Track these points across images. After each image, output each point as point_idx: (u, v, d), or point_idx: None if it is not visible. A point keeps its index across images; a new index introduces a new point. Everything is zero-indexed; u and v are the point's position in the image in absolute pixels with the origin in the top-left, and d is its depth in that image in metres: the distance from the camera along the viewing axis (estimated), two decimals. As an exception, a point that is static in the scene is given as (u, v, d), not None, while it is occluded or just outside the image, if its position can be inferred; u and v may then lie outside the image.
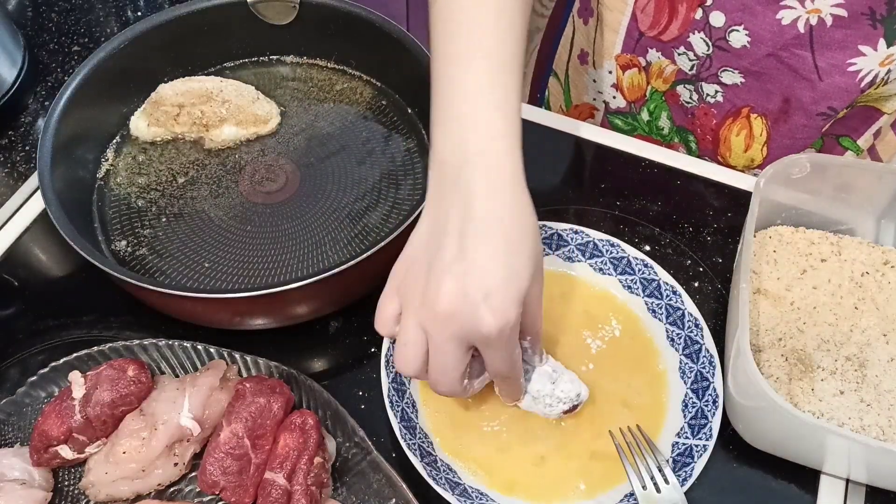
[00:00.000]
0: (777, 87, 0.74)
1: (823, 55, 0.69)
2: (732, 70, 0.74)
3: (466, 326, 0.47)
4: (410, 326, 0.49)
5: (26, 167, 0.75)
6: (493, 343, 0.48)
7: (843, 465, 0.57)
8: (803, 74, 0.71)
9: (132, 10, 0.90)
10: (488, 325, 0.46)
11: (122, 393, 0.55)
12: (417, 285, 0.48)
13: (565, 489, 0.56)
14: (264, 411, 0.55)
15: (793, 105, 0.74)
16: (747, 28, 0.70)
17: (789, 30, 0.68)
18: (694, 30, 0.73)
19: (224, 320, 0.61)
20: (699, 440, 0.56)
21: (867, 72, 0.69)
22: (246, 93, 0.74)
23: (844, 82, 0.71)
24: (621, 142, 0.78)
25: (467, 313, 0.46)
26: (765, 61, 0.72)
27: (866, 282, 0.63)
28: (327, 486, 0.55)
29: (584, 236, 0.65)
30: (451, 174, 0.49)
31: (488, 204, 0.48)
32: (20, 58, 0.81)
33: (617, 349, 0.63)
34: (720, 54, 0.73)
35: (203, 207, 0.69)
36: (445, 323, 0.47)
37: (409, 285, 0.49)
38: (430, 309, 0.47)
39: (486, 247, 0.47)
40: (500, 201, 0.49)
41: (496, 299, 0.47)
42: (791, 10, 0.67)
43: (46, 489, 0.55)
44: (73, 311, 0.66)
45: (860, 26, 0.66)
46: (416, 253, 0.50)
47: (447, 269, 0.47)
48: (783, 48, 0.70)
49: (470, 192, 0.48)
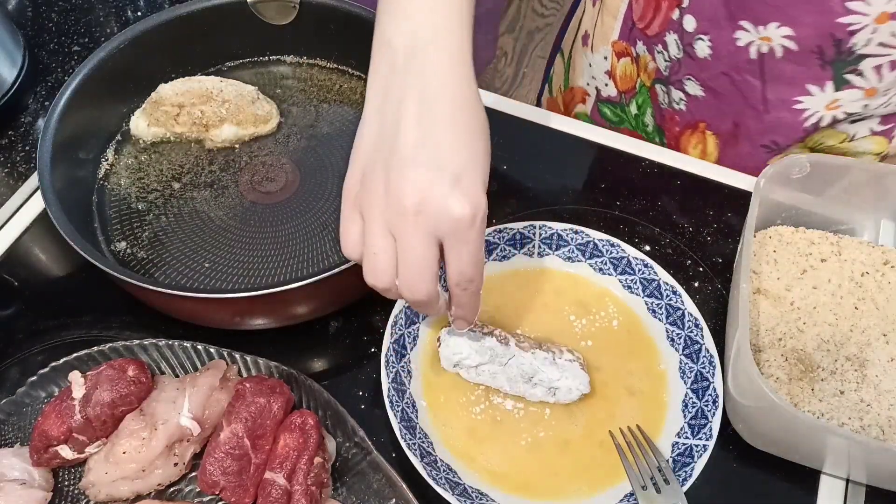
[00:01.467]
0: (729, 109, 0.74)
1: (772, 87, 0.70)
2: (695, 80, 0.74)
3: (438, 216, 0.44)
4: (376, 233, 0.46)
5: (26, 167, 0.75)
6: (465, 233, 0.45)
7: (843, 465, 0.57)
8: (751, 103, 0.72)
9: (132, 10, 0.90)
10: (461, 210, 0.44)
11: (122, 393, 0.55)
12: (377, 188, 0.46)
13: (566, 488, 0.56)
14: (264, 411, 0.55)
15: (741, 131, 0.75)
16: (711, 40, 0.70)
17: (743, 52, 0.69)
18: (670, 30, 0.74)
19: (224, 320, 0.61)
20: (699, 440, 0.56)
21: (812, 112, 0.69)
22: (246, 93, 0.74)
23: (790, 119, 0.71)
24: (621, 142, 0.78)
25: (438, 201, 0.44)
26: (720, 79, 0.72)
27: (866, 282, 0.63)
28: (327, 486, 0.55)
29: (584, 236, 0.65)
30: (401, 62, 0.47)
31: (445, 90, 0.46)
32: (20, 58, 0.81)
33: (617, 346, 0.63)
34: (687, 61, 0.74)
35: (203, 207, 0.69)
36: (416, 217, 0.44)
37: (367, 191, 0.46)
38: (397, 206, 0.44)
39: (448, 130, 0.45)
40: (456, 87, 0.47)
41: (466, 182, 0.45)
42: (746, 32, 0.67)
43: (46, 489, 0.55)
44: (73, 311, 0.66)
45: (810, 64, 0.66)
46: (368, 154, 0.47)
47: (410, 157, 0.45)
48: (736, 70, 0.70)
49: (425, 77, 0.46)
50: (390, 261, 0.46)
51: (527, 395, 0.59)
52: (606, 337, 0.63)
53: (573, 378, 0.58)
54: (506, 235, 0.65)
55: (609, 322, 0.64)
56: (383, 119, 0.47)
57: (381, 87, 0.48)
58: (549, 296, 0.65)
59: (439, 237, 0.45)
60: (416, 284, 0.47)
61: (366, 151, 0.47)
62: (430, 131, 0.45)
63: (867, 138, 0.72)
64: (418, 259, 0.45)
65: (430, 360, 0.61)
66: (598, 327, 0.64)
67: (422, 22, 0.48)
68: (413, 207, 0.44)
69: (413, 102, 0.46)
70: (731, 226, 0.72)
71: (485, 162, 0.47)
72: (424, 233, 0.45)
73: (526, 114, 0.80)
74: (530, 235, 0.66)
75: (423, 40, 0.47)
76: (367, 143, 0.47)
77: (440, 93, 0.46)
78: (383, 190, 0.45)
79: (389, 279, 0.47)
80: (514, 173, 0.75)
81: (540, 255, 0.66)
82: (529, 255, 0.66)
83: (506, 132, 0.79)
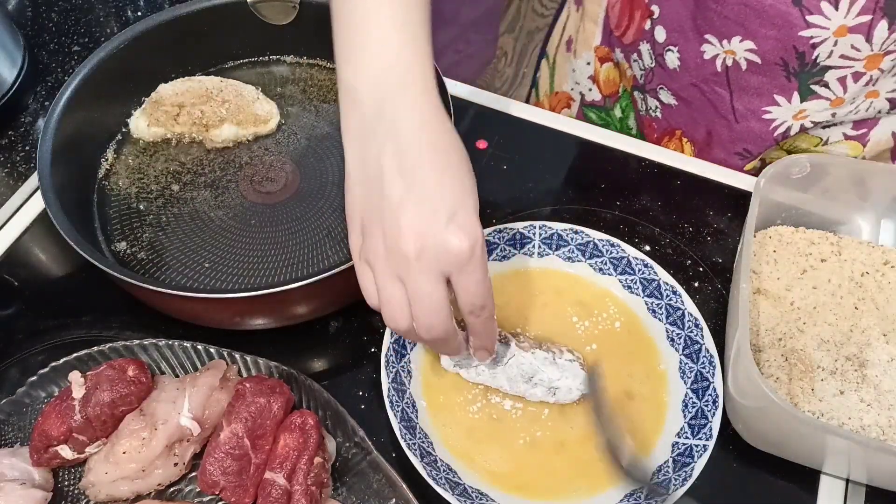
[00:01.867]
0: (702, 117, 0.75)
1: (741, 98, 0.71)
2: (667, 90, 0.76)
3: (439, 255, 0.45)
4: (386, 282, 0.47)
5: (26, 167, 0.75)
6: (468, 264, 0.46)
7: (843, 465, 0.57)
8: (721, 113, 0.73)
9: (132, 10, 0.90)
10: (460, 245, 0.45)
11: (122, 393, 0.55)
12: (376, 239, 0.47)
13: (566, 488, 0.56)
14: (264, 411, 0.55)
15: (714, 139, 0.76)
16: (680, 52, 0.71)
17: (710, 65, 0.70)
18: (643, 39, 0.75)
19: (224, 320, 0.61)
20: (699, 440, 0.56)
21: (781, 122, 0.71)
22: (246, 93, 0.74)
23: (759, 128, 0.72)
24: (622, 142, 0.78)
25: (436, 241, 0.45)
26: (690, 90, 0.73)
27: (866, 282, 0.63)
28: (327, 486, 0.55)
29: (584, 236, 0.65)
30: (371, 112, 0.48)
31: (420, 135, 0.47)
32: (20, 58, 0.81)
33: (617, 346, 0.63)
34: (659, 70, 0.75)
35: (203, 207, 0.69)
36: (418, 261, 0.45)
37: (369, 244, 0.47)
38: (398, 253, 0.46)
39: (432, 171, 0.46)
40: (430, 131, 0.47)
41: (460, 217, 0.45)
42: (711, 45, 0.68)
43: (46, 489, 0.55)
44: (73, 311, 0.66)
45: (775, 76, 0.67)
46: (361, 208, 0.48)
47: (399, 206, 0.45)
48: (704, 81, 0.72)
49: (397, 127, 0.47)
50: (404, 306, 0.47)
51: (527, 396, 0.59)
52: (607, 338, 0.63)
53: (573, 378, 0.58)
54: (506, 235, 0.65)
55: (611, 323, 0.64)
56: (366, 173, 0.47)
57: (356, 140, 0.49)
58: (549, 296, 0.65)
59: (445, 273, 0.46)
60: (431, 323, 0.48)
61: (359, 206, 0.48)
62: (413, 178, 0.46)
63: (841, 143, 0.73)
64: (429, 299, 0.47)
65: (430, 360, 0.61)
66: (600, 329, 0.64)
67: (384, 66, 0.48)
68: (414, 252, 0.45)
69: (391, 154, 0.46)
70: (731, 226, 0.72)
71: (473, 191, 0.48)
72: (429, 273, 0.46)
73: (526, 114, 0.80)
74: (530, 235, 0.66)
75: (389, 86, 0.48)
76: (357, 198, 0.48)
77: (416, 138, 0.47)
78: (382, 240, 0.46)
79: (407, 323, 0.48)
80: (514, 173, 0.75)
81: (540, 255, 0.66)
82: (529, 255, 0.66)
83: (506, 132, 0.79)
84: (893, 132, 0.72)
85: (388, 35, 0.49)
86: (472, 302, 0.49)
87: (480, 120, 0.80)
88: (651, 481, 0.55)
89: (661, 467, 0.56)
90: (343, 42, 0.50)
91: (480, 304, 0.49)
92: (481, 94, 0.82)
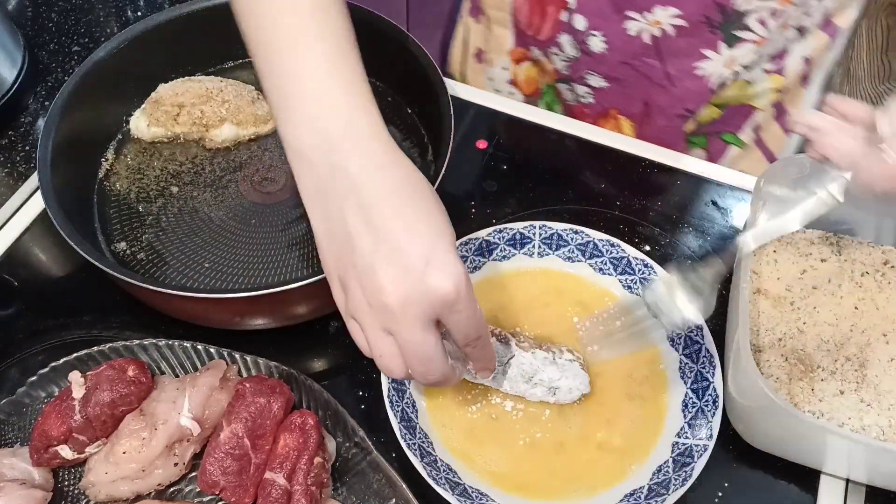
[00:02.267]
0: (636, 92, 0.77)
1: (672, 63, 0.73)
2: (597, 74, 0.77)
3: (423, 302, 0.44)
4: (375, 336, 0.46)
5: (26, 167, 0.75)
6: (455, 304, 0.45)
7: (843, 465, 0.57)
8: (656, 81, 0.75)
9: (132, 10, 0.90)
10: (444, 287, 0.44)
11: (122, 393, 0.55)
12: (358, 296, 0.45)
13: (566, 488, 0.56)
14: (264, 411, 0.55)
15: (653, 108, 0.78)
16: (605, 35, 0.73)
17: (636, 40, 0.72)
18: (562, 31, 0.76)
19: (224, 320, 0.61)
20: (699, 440, 0.56)
21: (714, 74, 0.73)
22: (246, 93, 0.74)
23: (695, 86, 0.74)
24: (622, 142, 0.78)
25: (418, 289, 0.44)
26: (621, 68, 0.75)
27: (866, 282, 0.63)
28: (327, 486, 0.55)
29: (584, 236, 0.65)
30: (324, 172, 0.46)
31: (377, 183, 0.45)
32: (20, 58, 0.81)
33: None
34: (585, 58, 0.76)
35: (203, 207, 0.69)
36: (403, 312, 0.44)
37: (352, 301, 0.46)
38: (382, 308, 0.44)
39: (398, 222, 0.45)
40: (387, 176, 0.46)
41: (437, 259, 0.44)
42: (635, 21, 0.70)
43: (46, 489, 0.55)
44: (73, 311, 0.66)
45: (701, 33, 0.70)
46: (336, 267, 0.47)
47: (373, 261, 0.44)
48: (634, 57, 0.74)
49: (352, 180, 0.45)
50: (397, 358, 0.46)
51: (527, 396, 0.59)
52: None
53: (573, 378, 0.58)
54: (506, 235, 0.65)
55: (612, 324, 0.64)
56: (332, 231, 0.46)
57: (315, 200, 0.47)
58: (549, 296, 0.65)
59: (433, 318, 0.45)
60: (427, 371, 0.47)
61: (333, 264, 0.47)
62: (381, 230, 0.44)
63: (765, 80, 0.75)
64: (420, 349, 0.45)
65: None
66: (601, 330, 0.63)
67: (325, 121, 0.46)
68: (397, 305, 0.44)
69: (354, 210, 0.45)
70: (731, 226, 0.72)
71: (446, 228, 0.46)
72: (417, 322, 0.44)
73: (526, 114, 0.80)
74: (530, 235, 0.66)
75: (335, 139, 0.46)
76: (330, 258, 0.47)
77: (375, 189, 0.45)
78: (364, 297, 0.45)
79: (403, 372, 0.47)
80: (514, 173, 0.75)
81: (540, 255, 0.66)
82: (529, 255, 0.66)
83: (506, 132, 0.79)
84: (804, 57, 0.75)
85: (323, 87, 0.47)
86: (466, 335, 0.48)
87: (480, 120, 0.80)
88: (651, 481, 0.55)
89: (661, 467, 0.56)
90: (277, 103, 0.48)
91: (475, 335, 0.48)
92: (481, 94, 0.82)
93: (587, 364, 0.60)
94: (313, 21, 0.48)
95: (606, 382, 0.61)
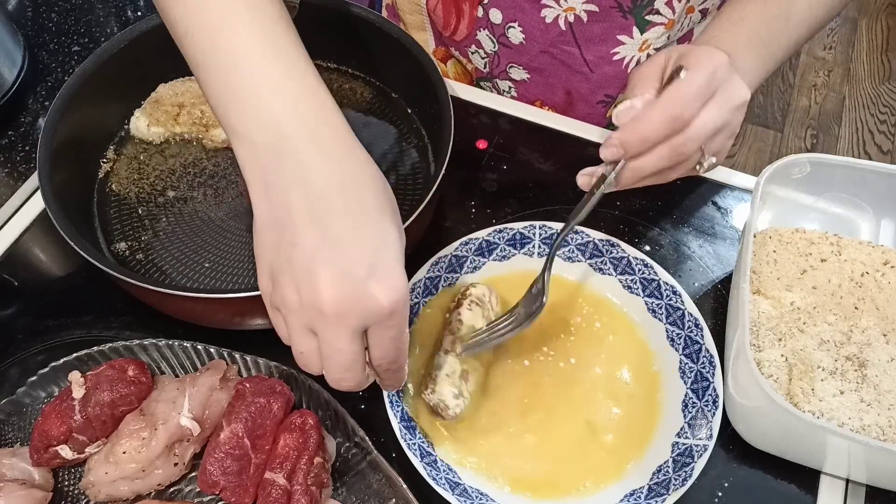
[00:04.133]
0: (557, 81, 0.80)
1: (589, 49, 0.76)
2: (518, 66, 0.79)
3: (359, 312, 0.42)
4: (298, 333, 0.44)
5: (26, 167, 0.75)
6: (389, 321, 0.43)
7: (843, 465, 0.57)
8: (576, 69, 0.78)
9: (132, 10, 0.90)
10: (383, 302, 0.41)
11: (122, 393, 0.55)
12: (289, 291, 0.42)
13: (566, 487, 0.56)
14: (264, 411, 0.55)
15: (574, 97, 0.80)
16: (521, 25, 0.75)
17: (553, 27, 0.74)
18: (480, 27, 0.78)
19: (224, 320, 0.61)
20: (699, 440, 0.56)
21: (630, 58, 0.76)
22: (246, 93, 0.74)
23: (613, 70, 0.77)
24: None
25: (357, 298, 0.41)
26: (541, 57, 0.77)
27: (866, 282, 0.63)
28: (327, 486, 0.55)
29: (584, 236, 0.65)
30: (270, 156, 0.43)
31: (328, 174, 0.42)
32: (20, 58, 0.81)
33: (617, 346, 0.63)
34: (504, 51, 0.78)
35: (203, 207, 0.69)
36: (337, 318, 0.42)
37: (281, 293, 0.43)
38: (312, 308, 0.42)
39: (346, 219, 0.42)
40: (340, 167, 0.43)
41: (381, 268, 0.42)
42: (550, 8, 0.72)
43: (46, 489, 0.55)
44: (73, 311, 0.66)
45: (613, 19, 0.73)
46: (272, 256, 0.44)
47: (314, 260, 0.41)
48: (553, 45, 0.76)
49: (303, 167, 0.42)
50: (316, 358, 0.44)
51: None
52: (607, 338, 0.63)
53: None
54: (506, 235, 0.65)
55: (610, 324, 0.64)
56: (274, 218, 0.43)
57: (259, 183, 0.44)
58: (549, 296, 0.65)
59: (362, 328, 0.43)
60: (344, 378, 0.45)
61: (268, 252, 0.44)
62: (327, 228, 0.42)
63: None
64: (342, 357, 0.43)
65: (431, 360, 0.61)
66: (600, 329, 0.64)
67: (271, 104, 0.43)
68: (332, 309, 0.41)
69: (301, 199, 0.42)
70: (731, 226, 0.72)
71: (395, 238, 0.44)
72: (345, 330, 0.42)
73: (526, 114, 0.80)
74: (530, 235, 0.66)
75: (284, 125, 0.43)
76: (266, 243, 0.44)
77: (326, 184, 0.42)
78: (296, 293, 0.42)
79: (319, 371, 0.45)
80: (514, 173, 0.75)
81: (540, 255, 0.66)
82: (529, 255, 0.66)
83: (506, 132, 0.79)
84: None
85: (265, 68, 0.44)
86: (385, 356, 0.45)
87: (480, 120, 0.80)
88: (651, 481, 0.55)
89: (661, 467, 0.56)
90: (216, 89, 0.45)
91: (393, 358, 0.46)
92: (481, 94, 0.82)
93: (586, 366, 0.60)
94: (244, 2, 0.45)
95: (604, 381, 0.61)
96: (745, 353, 0.53)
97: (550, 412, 0.59)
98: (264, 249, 0.44)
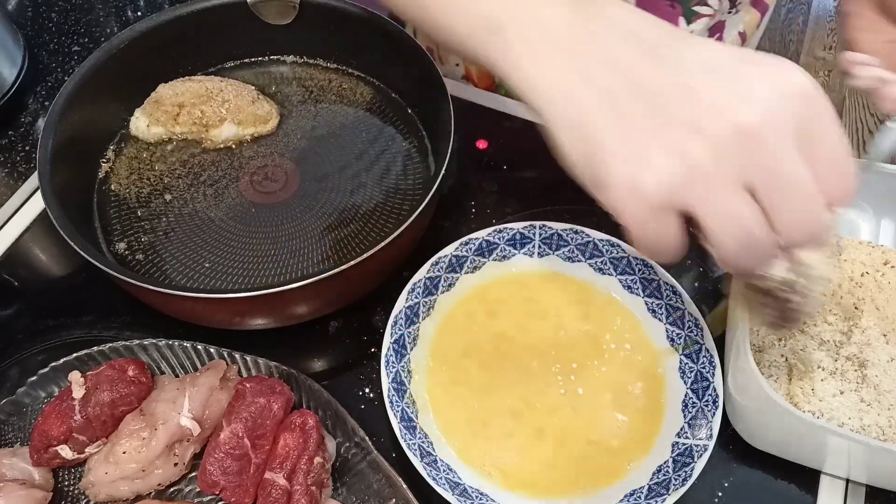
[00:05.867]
0: None
1: None
2: None
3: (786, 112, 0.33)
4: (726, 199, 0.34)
5: (26, 167, 0.75)
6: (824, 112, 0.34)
7: (843, 465, 0.57)
8: None
9: (132, 10, 0.90)
10: (801, 79, 0.33)
11: (122, 393, 0.55)
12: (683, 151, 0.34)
13: (567, 487, 0.56)
14: (264, 411, 0.55)
15: None
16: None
17: None
18: None
19: (224, 320, 0.61)
20: (699, 440, 0.56)
21: None
22: (246, 93, 0.74)
23: None
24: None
25: (773, 95, 0.33)
26: None
27: (866, 282, 0.63)
28: (327, 486, 0.55)
29: (584, 236, 0.65)
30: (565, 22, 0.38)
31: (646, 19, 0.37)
32: (20, 58, 0.81)
33: (616, 346, 0.63)
34: None
35: (203, 207, 0.69)
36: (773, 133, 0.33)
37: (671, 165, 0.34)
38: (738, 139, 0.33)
39: (705, 44, 0.35)
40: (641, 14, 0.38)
41: (764, 60, 0.34)
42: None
43: (46, 489, 0.55)
44: (73, 311, 0.66)
45: (660, 7, 0.71)
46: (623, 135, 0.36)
47: (699, 88, 0.33)
48: None
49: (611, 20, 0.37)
50: (760, 219, 0.35)
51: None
52: (606, 338, 0.63)
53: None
54: (506, 235, 0.65)
55: (611, 323, 0.64)
56: (604, 100, 0.36)
57: (552, 59, 0.37)
58: (549, 296, 0.65)
59: (797, 140, 0.34)
60: (810, 216, 0.35)
61: (610, 133, 0.36)
62: (685, 58, 0.34)
63: None
64: (799, 183, 0.34)
65: (431, 359, 0.61)
66: (599, 329, 0.64)
67: None
68: (758, 125, 0.32)
69: (633, 46, 0.35)
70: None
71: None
72: (787, 147, 0.33)
73: (526, 114, 0.80)
74: (530, 235, 0.66)
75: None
76: (601, 125, 0.37)
77: (643, 23, 0.36)
78: (699, 144, 0.33)
79: (768, 241, 0.36)
80: (514, 173, 0.75)
81: (540, 255, 0.66)
82: (529, 255, 0.66)
83: (506, 132, 0.79)
84: (738, 32, 0.77)
85: None
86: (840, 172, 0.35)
87: (480, 120, 0.80)
88: (651, 481, 0.55)
89: (660, 467, 0.56)
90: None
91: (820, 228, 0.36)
92: (481, 94, 0.82)
93: (584, 369, 0.60)
94: None
95: (605, 382, 0.61)
96: (745, 353, 0.53)
97: (552, 413, 0.59)
98: (603, 132, 0.37)
